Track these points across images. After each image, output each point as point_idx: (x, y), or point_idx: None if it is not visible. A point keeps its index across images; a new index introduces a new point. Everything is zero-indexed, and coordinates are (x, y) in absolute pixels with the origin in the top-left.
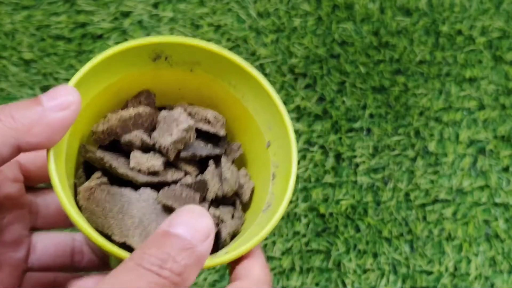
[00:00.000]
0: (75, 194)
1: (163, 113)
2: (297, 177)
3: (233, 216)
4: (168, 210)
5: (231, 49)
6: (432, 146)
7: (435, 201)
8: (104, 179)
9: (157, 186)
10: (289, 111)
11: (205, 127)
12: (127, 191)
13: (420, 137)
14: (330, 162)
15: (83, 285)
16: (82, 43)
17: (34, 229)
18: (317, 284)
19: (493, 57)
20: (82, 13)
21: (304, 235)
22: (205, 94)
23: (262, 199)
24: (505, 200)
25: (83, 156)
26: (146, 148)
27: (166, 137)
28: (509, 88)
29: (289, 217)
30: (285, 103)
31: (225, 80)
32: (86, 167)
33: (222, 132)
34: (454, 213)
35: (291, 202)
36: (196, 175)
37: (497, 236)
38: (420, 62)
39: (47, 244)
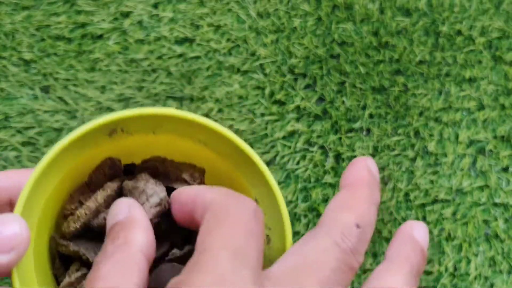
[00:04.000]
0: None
1: (128, 184)
2: (297, 177)
3: None
4: None
5: (231, 49)
6: (431, 146)
7: (435, 201)
8: (84, 271)
9: None
10: (288, 112)
11: (181, 186)
12: None
13: (420, 137)
14: (330, 162)
15: None
16: (82, 43)
17: None
18: None
19: (492, 58)
20: (82, 13)
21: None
22: (176, 149)
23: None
24: (504, 200)
25: (55, 248)
26: None
27: None
28: (509, 88)
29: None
30: (285, 103)
31: (194, 138)
32: (61, 256)
33: None
34: (454, 213)
35: (291, 202)
36: (183, 243)
37: (496, 236)
38: (420, 62)
39: None
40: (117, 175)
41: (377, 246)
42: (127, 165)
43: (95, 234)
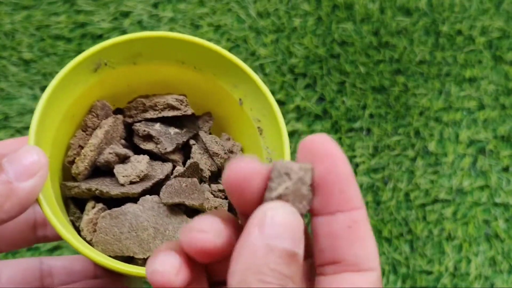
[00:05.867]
0: (78, 231)
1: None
2: None
3: None
4: (177, 206)
5: (231, 49)
6: (432, 146)
7: (435, 201)
8: (100, 206)
9: (153, 189)
10: (289, 111)
11: (171, 113)
12: (128, 207)
13: (420, 137)
14: None
15: None
16: (82, 43)
17: None
18: None
19: (493, 57)
20: (82, 13)
21: None
22: (157, 79)
23: (260, 155)
24: (505, 200)
25: (67, 194)
26: (124, 158)
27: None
28: (509, 88)
29: None
30: (284, 103)
31: (171, 59)
32: (74, 201)
33: (189, 111)
34: (454, 213)
35: None
36: (183, 161)
37: (497, 236)
38: (420, 62)
39: (13, 272)
40: (108, 115)
41: (377, 246)
42: (114, 111)
43: (100, 173)
